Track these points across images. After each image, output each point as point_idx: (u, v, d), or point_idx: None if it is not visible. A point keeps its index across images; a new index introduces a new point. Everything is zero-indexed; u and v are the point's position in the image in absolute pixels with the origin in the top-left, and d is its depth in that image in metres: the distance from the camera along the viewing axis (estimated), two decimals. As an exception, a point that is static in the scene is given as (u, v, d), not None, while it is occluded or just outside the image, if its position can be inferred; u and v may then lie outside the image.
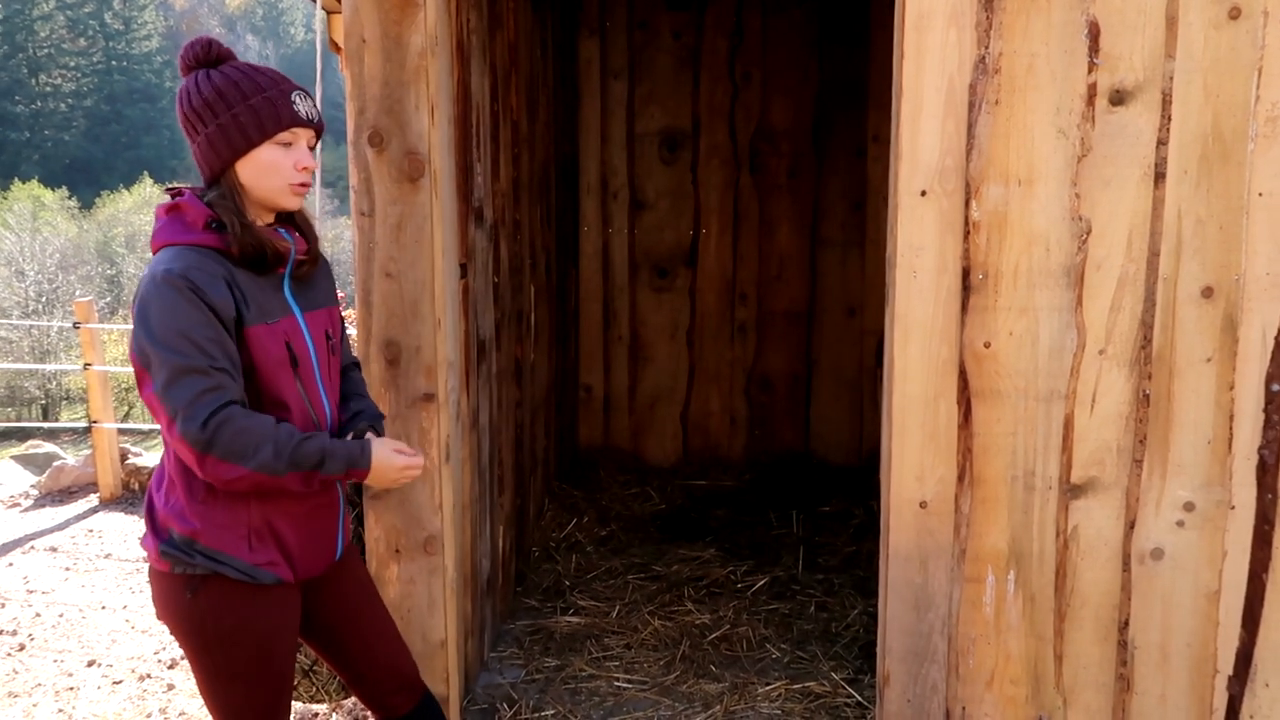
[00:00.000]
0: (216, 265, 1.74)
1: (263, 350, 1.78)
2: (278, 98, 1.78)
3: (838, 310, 5.46)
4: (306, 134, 1.83)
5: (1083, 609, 2.40)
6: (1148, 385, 2.31)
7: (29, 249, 27.31)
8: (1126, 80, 2.22)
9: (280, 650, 1.91)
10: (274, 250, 1.80)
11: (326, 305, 1.97)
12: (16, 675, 3.60)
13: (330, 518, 1.96)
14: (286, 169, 1.80)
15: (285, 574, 1.86)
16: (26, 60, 62.92)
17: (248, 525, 1.81)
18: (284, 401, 1.82)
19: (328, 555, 1.97)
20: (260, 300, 1.79)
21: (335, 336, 1.97)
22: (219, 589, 1.81)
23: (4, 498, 6.01)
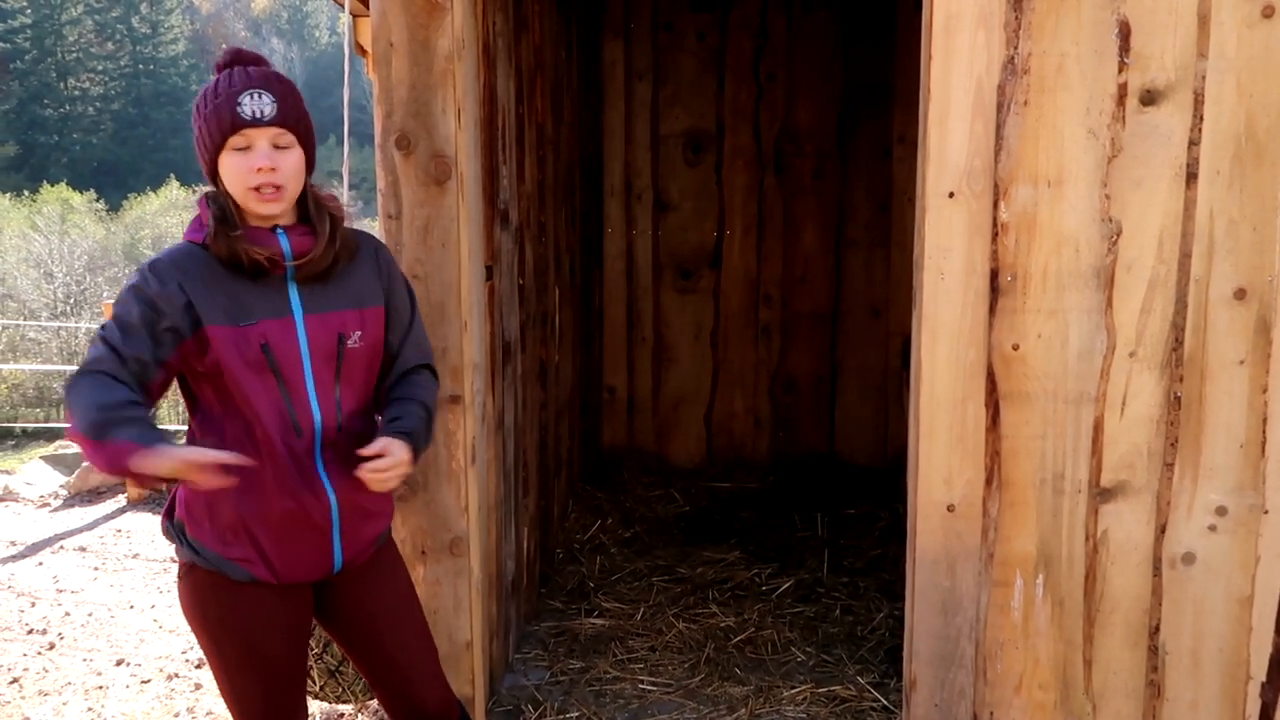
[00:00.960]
0: (194, 263, 1.78)
1: (226, 351, 1.76)
2: (224, 104, 1.76)
3: (862, 312, 5.44)
4: (265, 133, 1.77)
5: (1113, 614, 2.38)
6: (1179, 388, 2.29)
7: (57, 251, 27.59)
8: (1158, 80, 2.20)
9: (270, 648, 1.89)
10: (248, 257, 1.77)
11: (355, 306, 1.89)
12: (46, 674, 3.64)
13: (318, 527, 1.87)
14: (245, 173, 1.77)
15: (261, 574, 1.84)
16: (55, 64, 63.60)
17: (222, 520, 1.82)
18: (253, 403, 1.78)
19: (321, 563, 1.91)
20: (239, 302, 1.78)
21: (363, 340, 1.89)
22: (202, 578, 1.86)
23: (34, 498, 6.07)
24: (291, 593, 1.90)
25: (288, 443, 1.82)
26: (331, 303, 1.87)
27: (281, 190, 1.79)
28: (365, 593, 2.00)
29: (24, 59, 63.16)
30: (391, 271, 2.02)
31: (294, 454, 1.83)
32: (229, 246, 1.77)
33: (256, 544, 1.83)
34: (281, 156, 1.78)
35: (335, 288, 1.88)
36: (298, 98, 1.84)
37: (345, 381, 1.88)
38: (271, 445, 1.81)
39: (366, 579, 2.00)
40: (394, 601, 2.03)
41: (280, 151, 1.79)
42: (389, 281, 2.00)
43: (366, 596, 2.00)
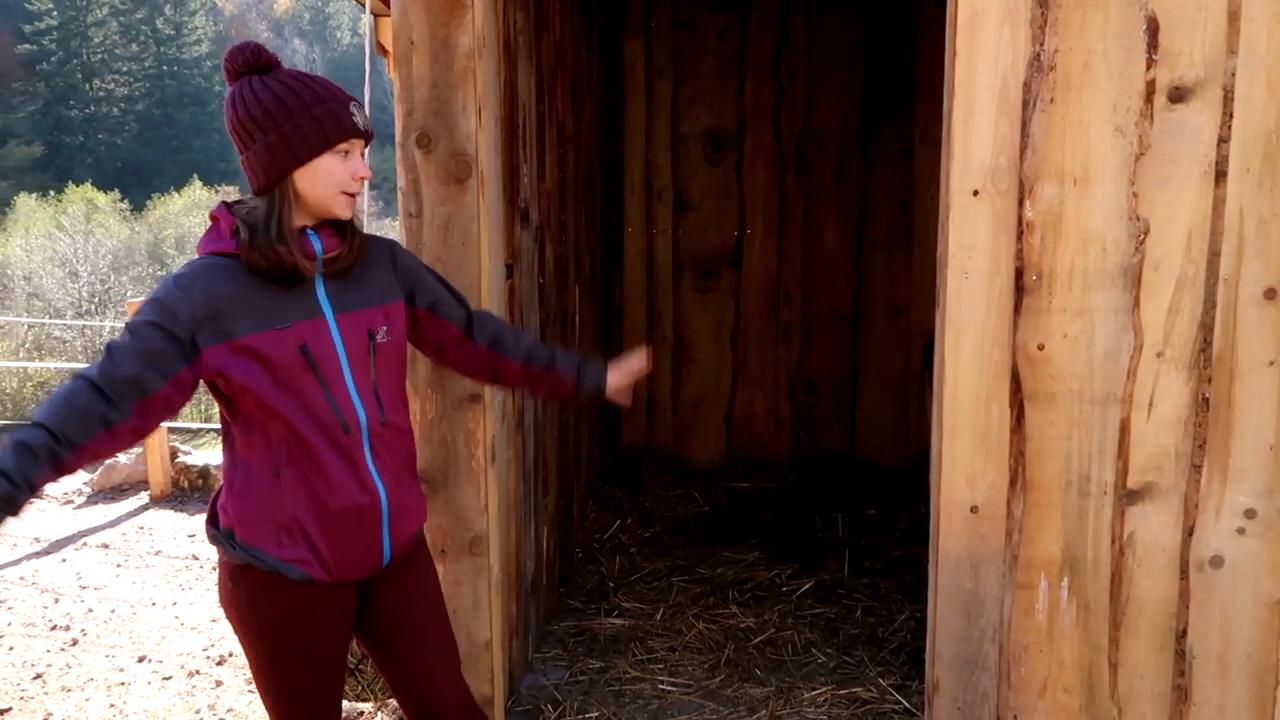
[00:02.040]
0: (222, 275, 1.78)
1: (268, 355, 1.78)
2: (338, 108, 1.82)
3: (884, 311, 5.41)
4: (359, 144, 1.87)
5: (1139, 617, 2.35)
6: (1207, 389, 2.25)
7: (82, 250, 27.83)
8: (1186, 77, 2.17)
9: (320, 647, 1.91)
10: (291, 264, 1.79)
11: (379, 303, 1.93)
12: (70, 670, 3.66)
13: (368, 522, 1.89)
14: (343, 177, 1.83)
15: (317, 573, 1.86)
16: (81, 66, 64.17)
17: (276, 521, 1.83)
18: (297, 405, 1.81)
19: (370, 559, 1.93)
20: (272, 307, 1.80)
21: (391, 335, 1.93)
22: (255, 580, 1.87)
23: (58, 494, 6.12)
24: (341, 591, 1.92)
25: (336, 441, 1.84)
26: (357, 301, 1.90)
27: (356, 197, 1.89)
28: (397, 594, 2.01)
29: (50, 60, 63.76)
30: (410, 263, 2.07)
31: (344, 451, 1.85)
32: (272, 252, 1.78)
33: (311, 544, 1.85)
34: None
35: (358, 286, 1.92)
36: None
37: (381, 377, 1.92)
38: (320, 445, 1.82)
39: (399, 580, 2.01)
40: (424, 604, 2.04)
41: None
42: (413, 273, 2.05)
43: (398, 598, 2.01)
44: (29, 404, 20.92)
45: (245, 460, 1.86)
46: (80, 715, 3.32)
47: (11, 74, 63.60)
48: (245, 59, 1.83)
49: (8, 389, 20.67)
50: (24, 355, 21.84)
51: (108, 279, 27.33)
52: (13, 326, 22.48)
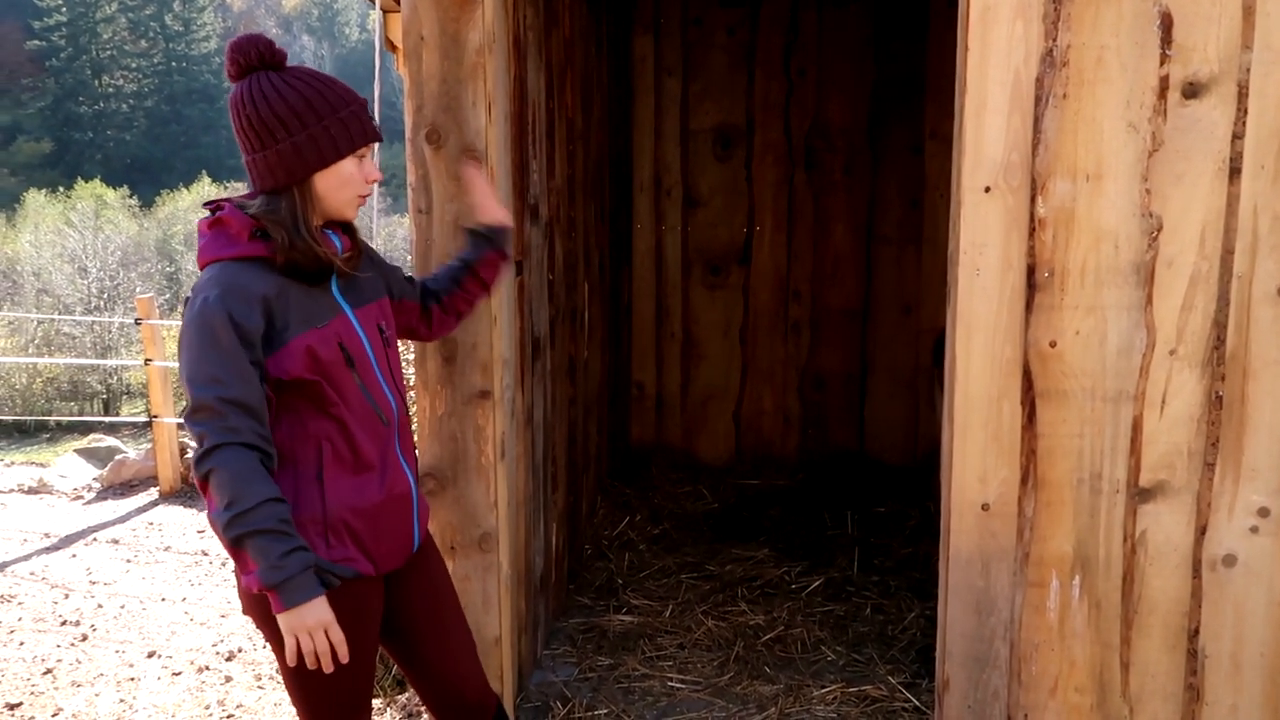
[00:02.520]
0: (259, 279, 1.76)
1: (318, 355, 1.79)
2: (361, 111, 1.86)
3: (893, 308, 5.39)
4: (371, 147, 1.91)
5: (1151, 616, 2.34)
6: (1220, 387, 2.24)
7: (91, 246, 27.90)
8: (1201, 72, 2.15)
9: (361, 642, 1.91)
10: (326, 260, 1.82)
11: (376, 299, 1.97)
12: (80, 665, 3.67)
13: (404, 510, 1.95)
14: (358, 181, 1.86)
15: (365, 568, 1.88)
16: (90, 62, 64.32)
17: (323, 522, 1.82)
18: (345, 399, 1.83)
19: (406, 547, 1.97)
20: (308, 306, 1.81)
21: (390, 329, 1.99)
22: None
23: (67, 490, 6.14)
24: (379, 585, 1.95)
25: (376, 434, 1.88)
26: (363, 298, 1.94)
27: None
28: (416, 585, 2.03)
29: (59, 56, 63.92)
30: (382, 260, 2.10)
31: (382, 444, 1.89)
32: (308, 251, 1.78)
33: (358, 540, 1.86)
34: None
35: (360, 285, 1.95)
36: None
37: (393, 369, 1.97)
38: (363, 439, 1.86)
39: (416, 571, 2.04)
40: (441, 595, 2.08)
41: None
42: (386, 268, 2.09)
43: (417, 589, 2.03)
44: (38, 399, 20.99)
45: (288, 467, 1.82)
46: (90, 710, 3.32)
47: (21, 70, 63.78)
48: (258, 54, 1.81)
49: (17, 384, 20.74)
50: (33, 351, 21.92)
51: (117, 275, 27.41)
52: (22, 322, 22.56)
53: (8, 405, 20.11)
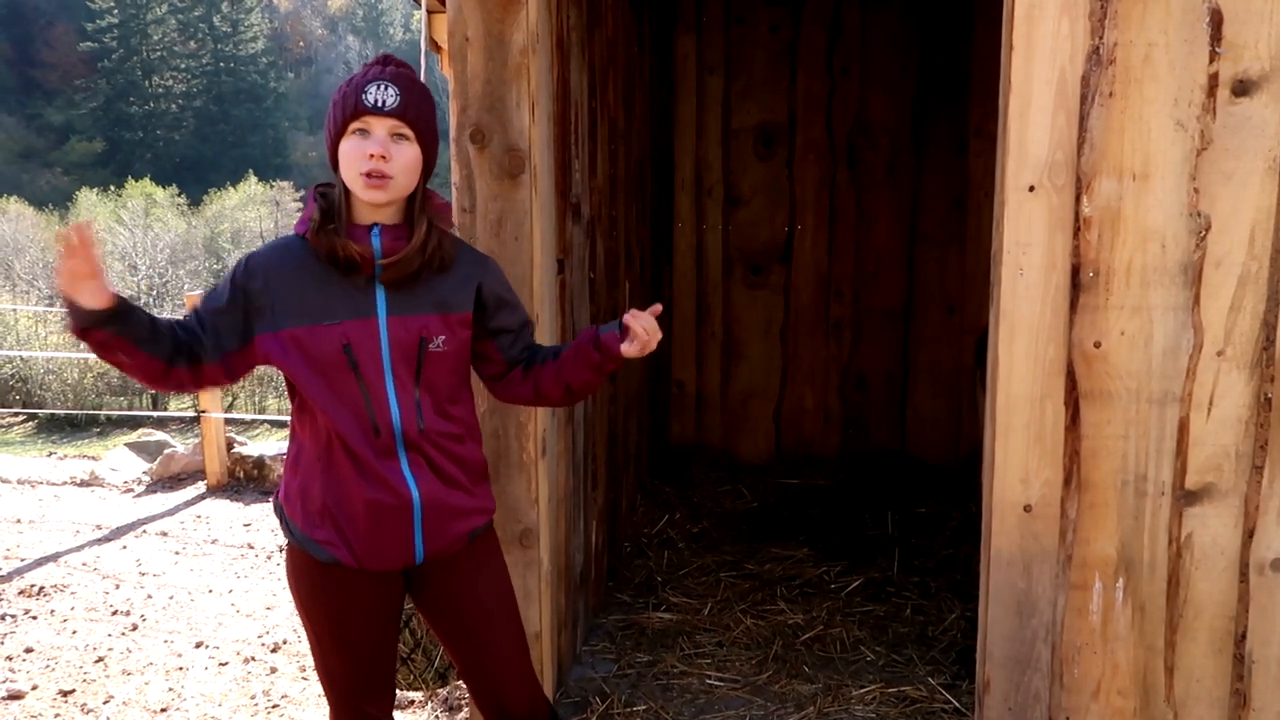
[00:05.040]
0: (289, 257, 1.85)
1: (311, 348, 1.81)
2: (351, 91, 1.81)
3: (936, 308, 5.36)
4: (385, 122, 1.80)
5: (1196, 620, 2.31)
6: (1270, 388, 2.21)
7: (141, 244, 28.38)
8: (1251, 70, 2.13)
9: (353, 630, 1.94)
10: (344, 254, 1.80)
11: (436, 312, 1.88)
12: (130, 654, 3.75)
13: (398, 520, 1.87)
14: (359, 157, 1.79)
15: (344, 557, 1.87)
16: (141, 63, 65.39)
17: (311, 504, 1.88)
18: (329, 401, 1.82)
19: (399, 555, 1.91)
20: (322, 299, 1.82)
21: (447, 345, 1.88)
22: (296, 556, 1.95)
23: (118, 483, 6.26)
24: (376, 578, 1.93)
25: (367, 440, 1.84)
26: (416, 306, 1.86)
27: (389, 180, 1.80)
28: (456, 584, 2.00)
29: (111, 58, 65.06)
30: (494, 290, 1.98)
31: (374, 451, 1.84)
32: (328, 241, 1.81)
33: (339, 529, 1.87)
34: (396, 147, 1.80)
35: (423, 292, 1.87)
36: (425, 99, 1.86)
37: (426, 384, 1.88)
38: (353, 441, 1.83)
39: (459, 570, 2.00)
40: (486, 595, 2.02)
41: (396, 143, 1.81)
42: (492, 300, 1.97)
43: (458, 588, 2.00)
44: (89, 394, 21.38)
45: (299, 440, 1.92)
46: (140, 699, 3.39)
47: (74, 71, 65.02)
48: (380, 57, 1.89)
49: (69, 379, 21.15)
50: (85, 347, 22.29)
51: (165, 272, 27.85)
52: (75, 318, 22.95)
53: (60, 400, 20.53)
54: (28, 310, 22.14)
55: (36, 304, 24.70)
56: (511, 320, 2.00)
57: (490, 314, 1.97)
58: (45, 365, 20.63)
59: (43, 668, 3.63)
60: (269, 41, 71.44)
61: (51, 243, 33.27)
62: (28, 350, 20.35)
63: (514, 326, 2.01)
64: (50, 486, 6.23)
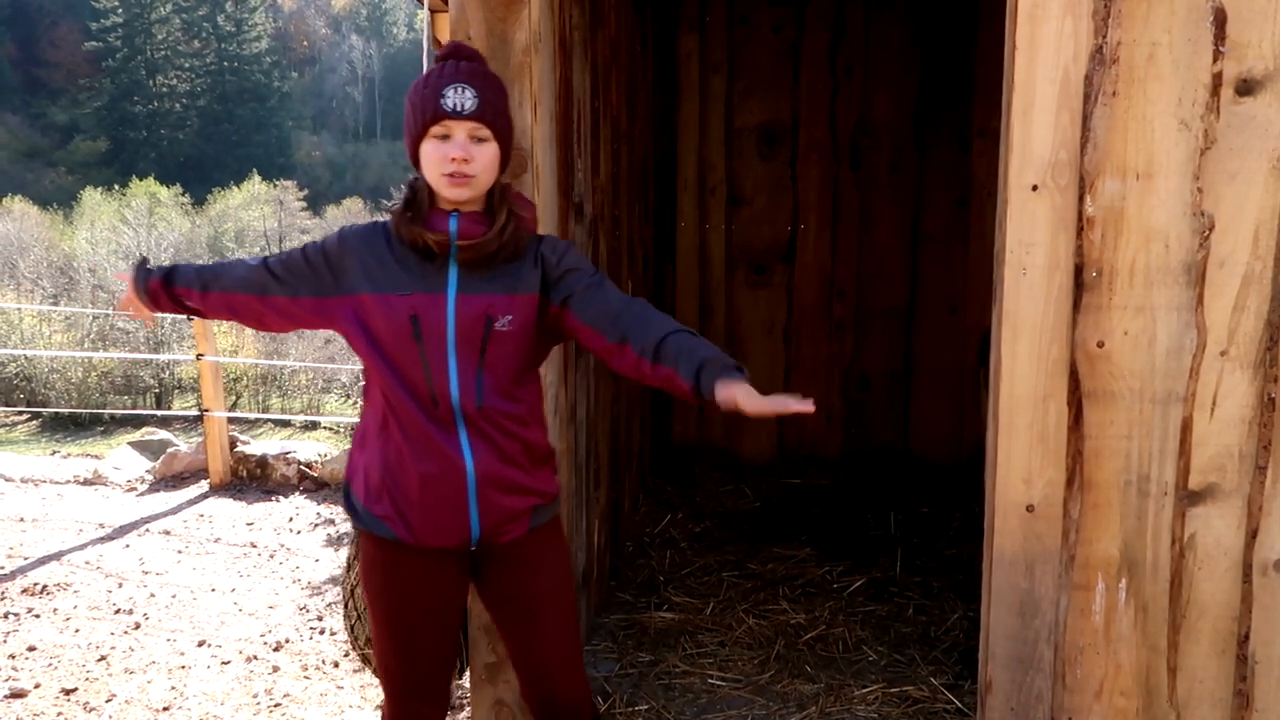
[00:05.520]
0: (376, 237, 1.96)
1: (380, 316, 1.89)
2: (430, 95, 1.86)
3: (939, 308, 5.35)
4: (464, 125, 1.86)
5: (1199, 620, 2.31)
6: (1274, 389, 2.20)
7: (145, 243, 28.43)
8: (1255, 69, 2.12)
9: (413, 614, 1.98)
10: (422, 240, 1.89)
11: (508, 292, 1.91)
12: (132, 652, 3.75)
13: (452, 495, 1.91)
14: (441, 160, 1.86)
15: (401, 533, 1.93)
16: (145, 62, 65.50)
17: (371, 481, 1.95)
18: (400, 367, 1.89)
19: (455, 530, 1.93)
20: (398, 273, 1.90)
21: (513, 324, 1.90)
22: (362, 536, 2.03)
23: (121, 482, 6.27)
24: (435, 560, 1.97)
25: (425, 411, 1.89)
26: (485, 286, 1.91)
27: (471, 180, 1.87)
28: (518, 573, 2.04)
29: (115, 57, 65.16)
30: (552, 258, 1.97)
31: (432, 421, 1.89)
32: (408, 228, 1.90)
33: (396, 505, 1.93)
34: (477, 148, 1.87)
35: (493, 275, 1.93)
36: (500, 96, 1.92)
37: (490, 363, 1.91)
38: (409, 411, 1.89)
39: (521, 559, 2.03)
40: (544, 587, 2.06)
41: (476, 144, 1.87)
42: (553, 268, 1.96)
43: (519, 577, 2.04)
44: (93, 393, 21.42)
45: (364, 418, 2.00)
46: (142, 697, 3.40)
47: (79, 70, 65.13)
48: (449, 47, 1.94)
49: (73, 378, 21.18)
50: (89, 345, 22.36)
51: (170, 271, 27.85)
52: (78, 317, 23.03)
53: (64, 398, 20.57)
54: (32, 309, 22.18)
55: (41, 303, 24.75)
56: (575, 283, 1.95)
57: (554, 286, 1.96)
58: (49, 364, 20.67)
59: (45, 666, 3.63)
60: (273, 41, 71.54)
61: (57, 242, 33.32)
62: (32, 349, 20.37)
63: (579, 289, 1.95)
64: (54, 485, 6.24)
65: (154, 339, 23.62)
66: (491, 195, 1.94)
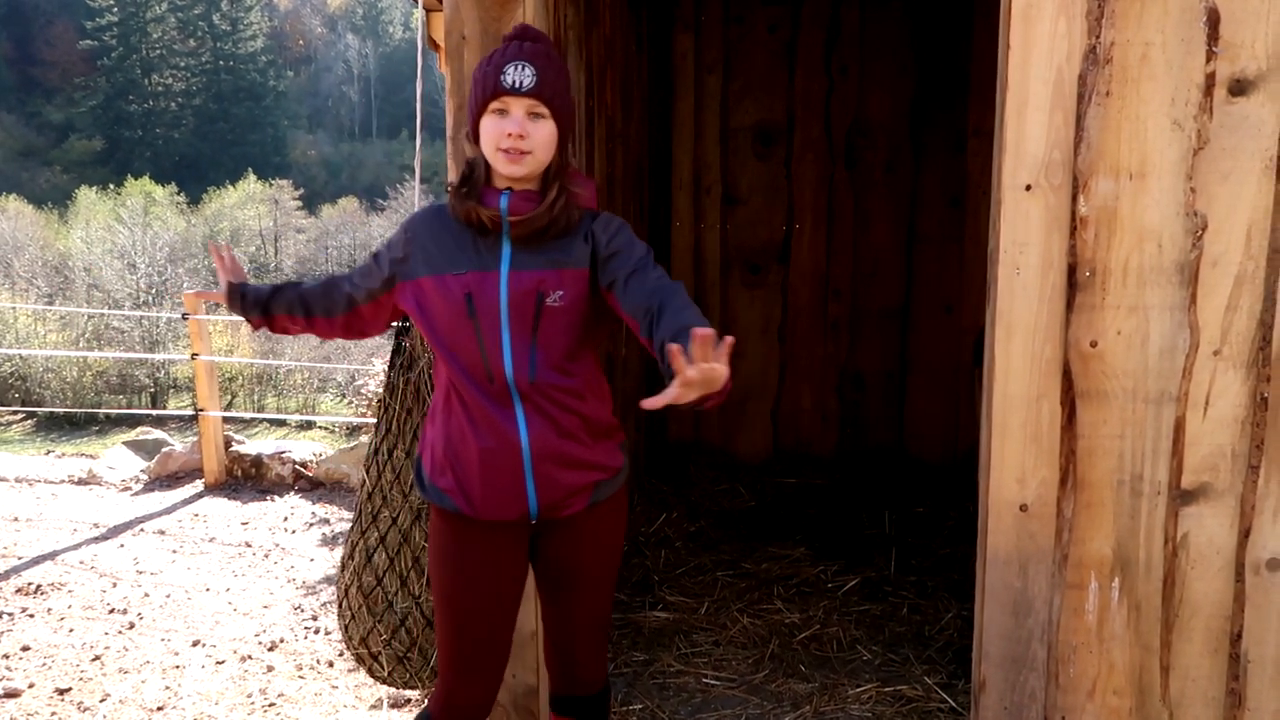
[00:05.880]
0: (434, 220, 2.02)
1: (438, 297, 1.94)
2: (491, 71, 1.90)
3: (934, 308, 5.36)
4: (522, 102, 1.88)
5: (1192, 619, 2.31)
6: (1266, 388, 2.21)
7: (140, 243, 28.38)
8: (1248, 69, 2.12)
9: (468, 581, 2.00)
10: (476, 216, 1.93)
11: (555, 267, 1.92)
12: (126, 652, 3.75)
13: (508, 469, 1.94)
14: (498, 135, 1.89)
15: (463, 506, 1.97)
16: (140, 61, 65.40)
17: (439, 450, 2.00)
18: (451, 348, 1.94)
19: (512, 504, 1.96)
20: (455, 253, 1.96)
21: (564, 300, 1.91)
22: (432, 516, 2.08)
23: (115, 482, 6.26)
24: (496, 533, 2.00)
25: (482, 387, 1.94)
26: (536, 262, 1.93)
27: (526, 156, 1.90)
28: (570, 545, 2.07)
29: (110, 56, 65.06)
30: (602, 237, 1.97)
31: (488, 397, 1.93)
32: (463, 205, 1.95)
33: (458, 479, 1.98)
34: (534, 125, 1.90)
35: (546, 250, 1.95)
36: (560, 75, 1.95)
37: (543, 338, 1.93)
38: (469, 389, 1.94)
39: (577, 533, 2.05)
40: (589, 561, 2.09)
41: (534, 121, 1.90)
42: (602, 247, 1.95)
43: (570, 549, 2.07)
44: (88, 392, 21.40)
45: (434, 395, 2.06)
46: (137, 697, 3.39)
47: (74, 69, 65.02)
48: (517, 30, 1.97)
49: (68, 377, 21.15)
50: (84, 344, 22.33)
51: (165, 270, 27.86)
52: (73, 316, 22.99)
53: (59, 398, 20.53)
54: (27, 308, 22.15)
55: (35, 302, 24.71)
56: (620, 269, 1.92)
57: (602, 266, 1.95)
58: (44, 363, 20.64)
59: (39, 666, 3.63)
60: (268, 40, 71.46)
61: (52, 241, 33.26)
62: (27, 348, 20.33)
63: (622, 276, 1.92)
64: (48, 485, 6.23)
65: (149, 338, 23.57)
66: (547, 173, 1.97)
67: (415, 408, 2.53)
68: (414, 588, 2.53)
